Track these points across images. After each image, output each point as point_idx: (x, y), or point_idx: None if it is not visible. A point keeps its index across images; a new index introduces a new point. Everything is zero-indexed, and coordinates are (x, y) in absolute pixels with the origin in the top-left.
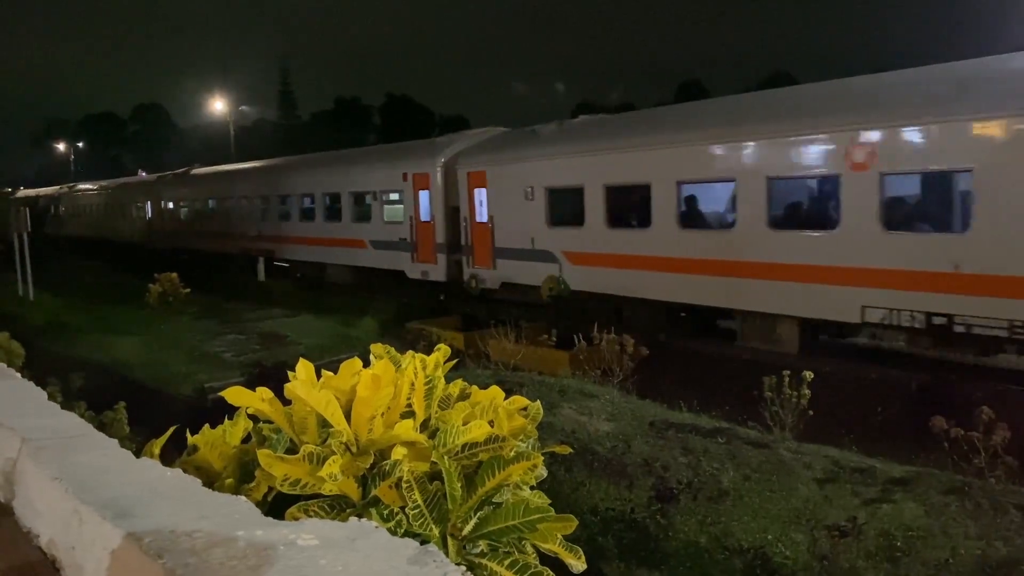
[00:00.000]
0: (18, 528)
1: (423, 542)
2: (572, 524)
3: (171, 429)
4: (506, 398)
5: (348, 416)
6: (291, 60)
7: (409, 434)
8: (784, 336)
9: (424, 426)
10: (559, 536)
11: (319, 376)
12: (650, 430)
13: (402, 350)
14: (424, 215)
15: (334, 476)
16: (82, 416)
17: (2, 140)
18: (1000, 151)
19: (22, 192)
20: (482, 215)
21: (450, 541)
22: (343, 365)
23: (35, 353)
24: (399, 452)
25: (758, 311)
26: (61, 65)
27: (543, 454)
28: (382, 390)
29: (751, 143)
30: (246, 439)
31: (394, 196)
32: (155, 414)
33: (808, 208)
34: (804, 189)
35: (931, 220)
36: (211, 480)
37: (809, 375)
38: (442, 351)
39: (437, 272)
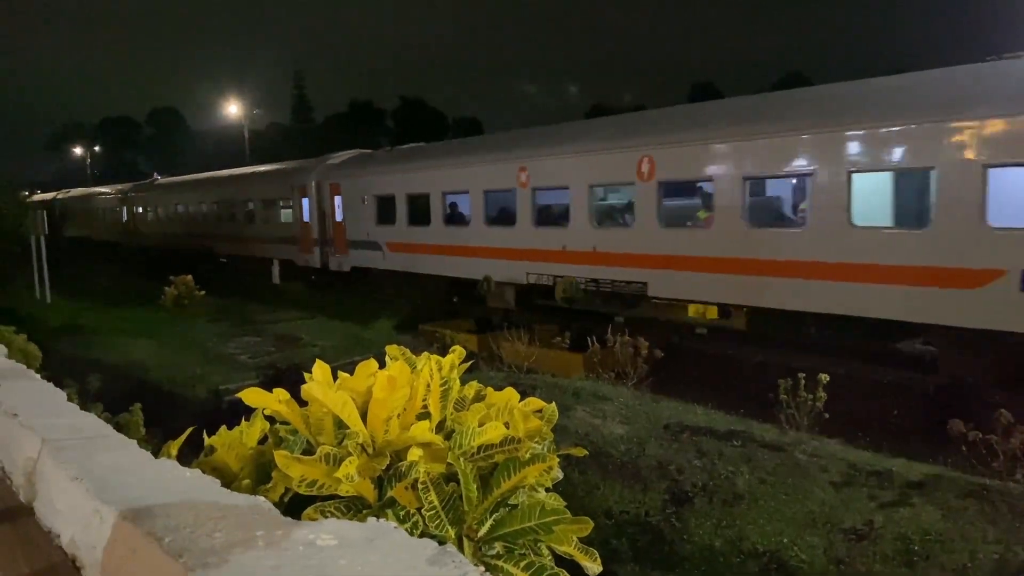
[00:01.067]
0: (39, 528)
1: (439, 543)
2: (588, 526)
3: (188, 430)
4: (522, 400)
5: (364, 417)
6: (305, 64)
7: (425, 435)
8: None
9: (440, 427)
10: (574, 538)
11: (335, 378)
12: (664, 432)
13: (416, 352)
14: (305, 217)
15: (351, 477)
16: (98, 417)
17: (19, 144)
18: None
19: (38, 196)
20: (339, 216)
21: (466, 542)
22: (359, 366)
23: (52, 355)
24: (415, 453)
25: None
26: (77, 69)
27: (558, 456)
28: (398, 391)
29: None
30: (263, 440)
31: (286, 203)
32: (170, 416)
33: (503, 210)
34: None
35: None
36: (228, 481)
37: (824, 377)
38: (457, 352)
39: (313, 260)
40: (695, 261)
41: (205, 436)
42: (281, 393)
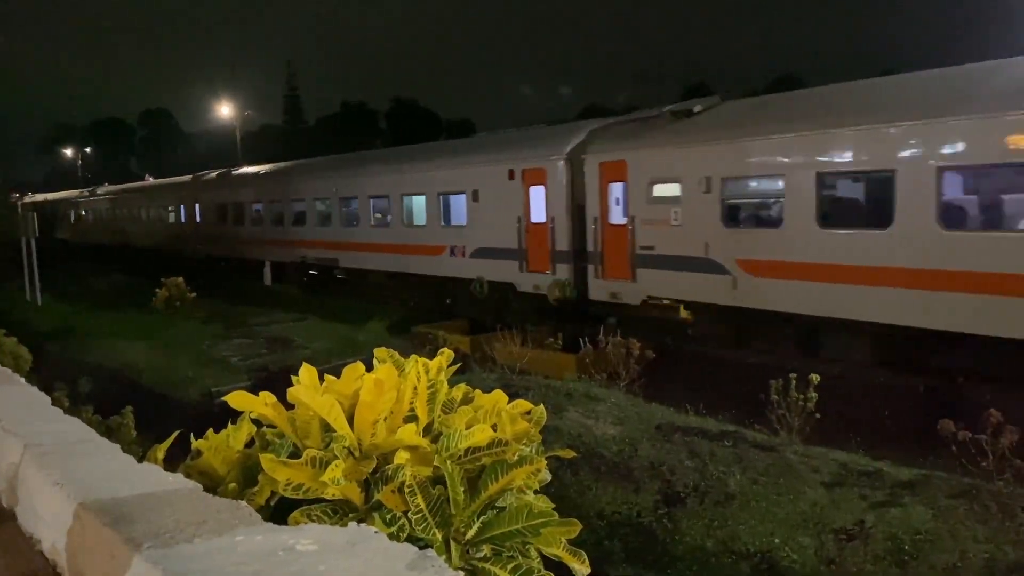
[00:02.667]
0: (20, 533)
1: (426, 546)
2: (576, 528)
3: (174, 434)
4: (511, 402)
5: (351, 421)
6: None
7: (412, 438)
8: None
9: (427, 430)
10: (563, 540)
11: (322, 380)
12: (657, 433)
13: (409, 354)
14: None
15: (337, 481)
16: (89, 421)
17: (11, 145)
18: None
19: (29, 198)
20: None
21: (453, 545)
22: (346, 369)
23: (43, 358)
24: (402, 456)
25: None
26: (68, 71)
27: (547, 458)
28: (385, 394)
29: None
30: (250, 444)
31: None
32: (162, 419)
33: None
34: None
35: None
36: (215, 485)
37: (816, 378)
38: (445, 355)
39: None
40: None
41: (192, 439)
42: (267, 396)
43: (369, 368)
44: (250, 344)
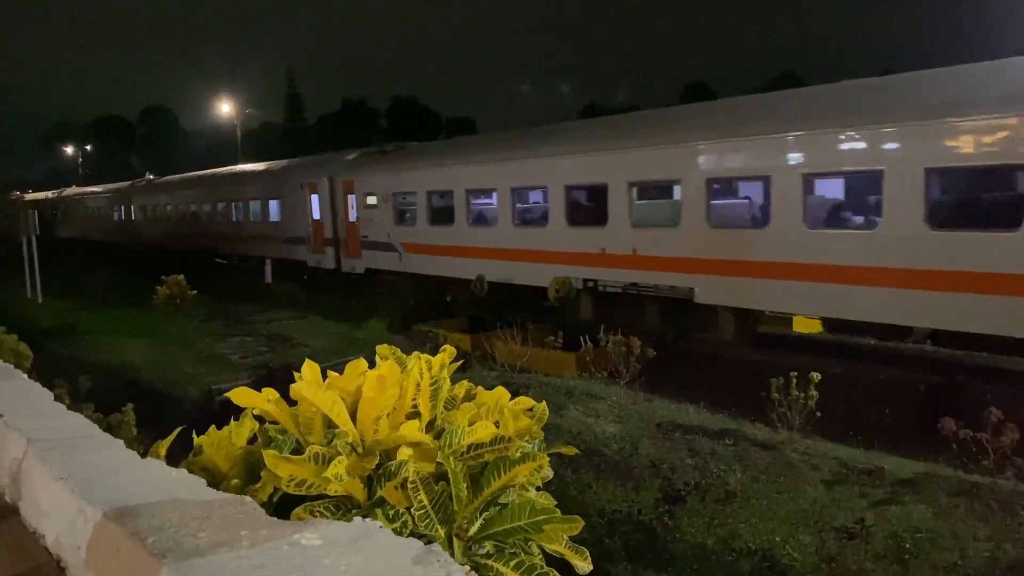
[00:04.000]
0: (24, 528)
1: (428, 543)
2: (578, 525)
3: (177, 430)
4: (512, 399)
5: (354, 417)
6: (298, 63)
7: (415, 435)
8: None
9: (430, 427)
10: (565, 537)
11: (325, 377)
12: (657, 431)
13: (409, 352)
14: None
15: (340, 477)
16: (90, 418)
17: (10, 143)
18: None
19: (30, 196)
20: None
21: (456, 542)
22: (349, 366)
23: (43, 355)
24: (404, 453)
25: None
26: (69, 68)
27: (549, 455)
28: (387, 391)
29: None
30: (252, 440)
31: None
32: (163, 416)
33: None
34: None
35: None
36: (217, 481)
37: (816, 376)
38: (447, 352)
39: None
40: None
41: (194, 436)
42: (270, 392)
43: (372, 365)
44: (250, 342)
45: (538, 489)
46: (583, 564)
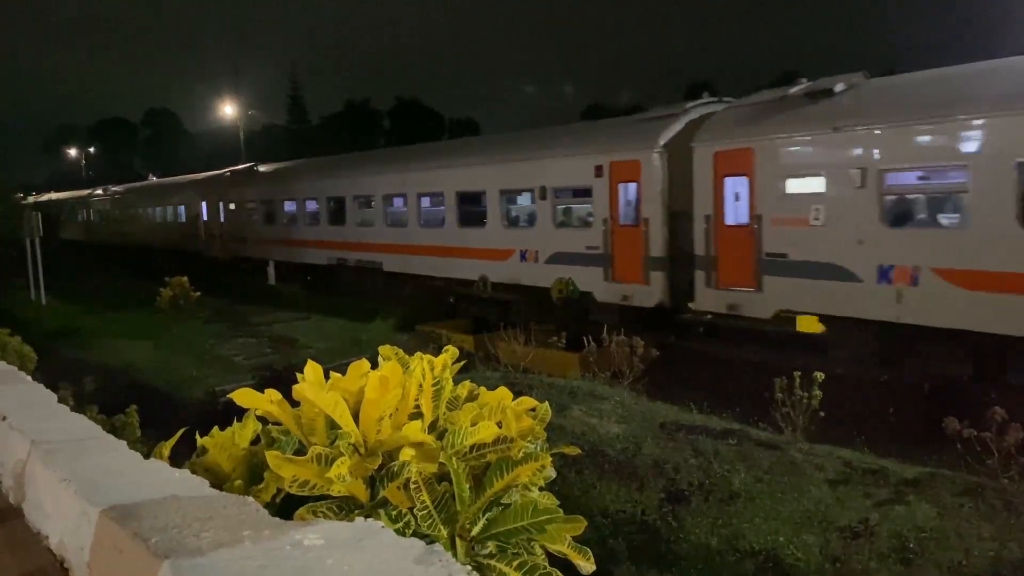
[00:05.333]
0: (28, 530)
1: (431, 543)
2: (581, 525)
3: (180, 431)
4: (515, 399)
5: (356, 417)
6: (302, 64)
7: (417, 435)
8: None
9: (432, 427)
10: (568, 537)
11: (327, 378)
12: (660, 432)
13: (412, 353)
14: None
15: (342, 477)
16: (94, 420)
17: (14, 146)
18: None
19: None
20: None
21: (459, 542)
22: (351, 367)
23: (47, 357)
24: (407, 453)
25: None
26: (72, 71)
27: (552, 455)
28: (390, 391)
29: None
30: (255, 441)
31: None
32: (167, 418)
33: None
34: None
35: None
36: (220, 482)
37: (820, 376)
38: (450, 352)
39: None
40: None
41: (198, 437)
42: (272, 394)
43: (374, 366)
44: (254, 343)
45: (541, 489)
46: (586, 564)
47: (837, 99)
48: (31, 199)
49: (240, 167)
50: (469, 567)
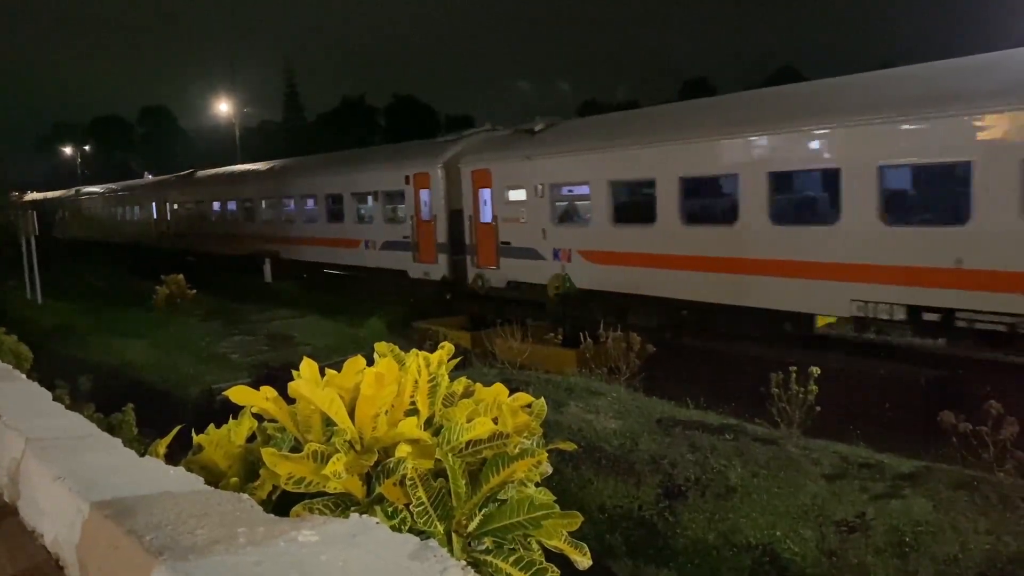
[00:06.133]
0: (23, 528)
1: (427, 539)
2: (577, 520)
3: (175, 429)
4: (512, 395)
5: (352, 414)
6: (297, 62)
7: (413, 432)
8: None
9: (428, 424)
10: (564, 532)
11: (323, 375)
12: (657, 427)
13: (409, 350)
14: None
15: (338, 474)
16: (90, 418)
17: (9, 144)
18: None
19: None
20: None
21: (455, 538)
22: (347, 363)
23: (44, 356)
24: (403, 450)
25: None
26: (67, 68)
27: (548, 451)
28: (386, 388)
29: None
30: (251, 438)
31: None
32: (164, 416)
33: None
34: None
35: None
36: (216, 479)
37: (816, 371)
38: (446, 349)
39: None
40: None
41: (193, 434)
42: (268, 391)
43: (370, 363)
44: (250, 341)
45: (537, 485)
46: (582, 559)
47: (537, 136)
48: (27, 197)
49: (183, 172)
50: (464, 562)
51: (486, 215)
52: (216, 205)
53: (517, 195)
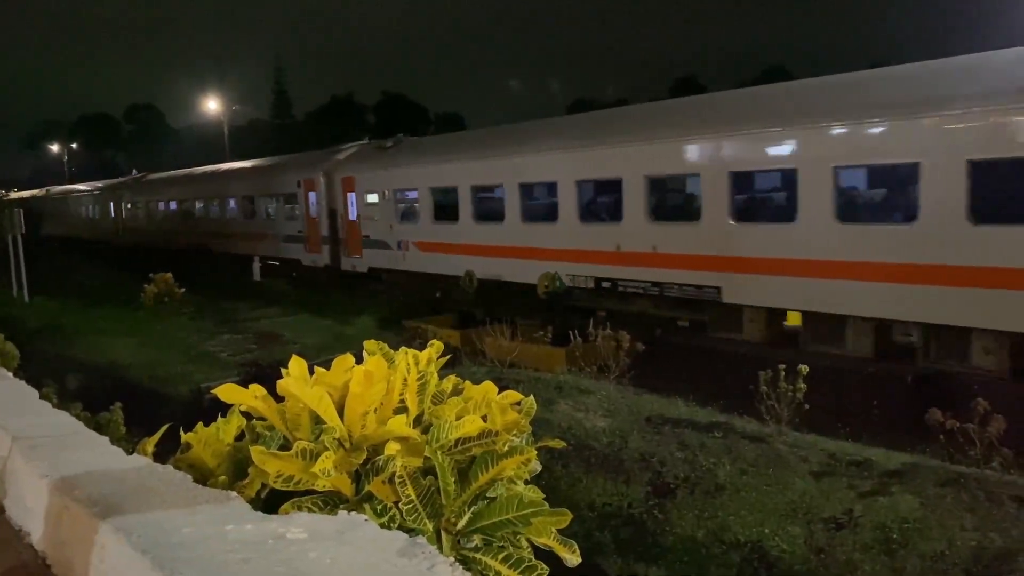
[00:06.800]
0: (10, 526)
1: (416, 536)
2: (566, 518)
3: (164, 427)
4: (500, 394)
5: (341, 412)
6: (286, 60)
7: (402, 429)
8: None
9: (417, 421)
10: (553, 530)
11: (312, 373)
12: (647, 425)
13: (398, 348)
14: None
15: (327, 472)
16: (78, 417)
17: None
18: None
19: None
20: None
21: (444, 536)
22: (335, 361)
23: (31, 355)
24: (392, 447)
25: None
26: (54, 66)
27: (537, 449)
28: (375, 386)
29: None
30: (240, 437)
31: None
32: (152, 415)
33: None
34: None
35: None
36: (205, 478)
37: (804, 369)
38: (435, 347)
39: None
40: None
41: (182, 433)
42: (257, 389)
43: (359, 361)
44: (239, 339)
45: (527, 483)
46: (571, 557)
47: (388, 151)
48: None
49: (137, 175)
50: (451, 559)
51: (352, 214)
52: (161, 205)
53: (373, 198)
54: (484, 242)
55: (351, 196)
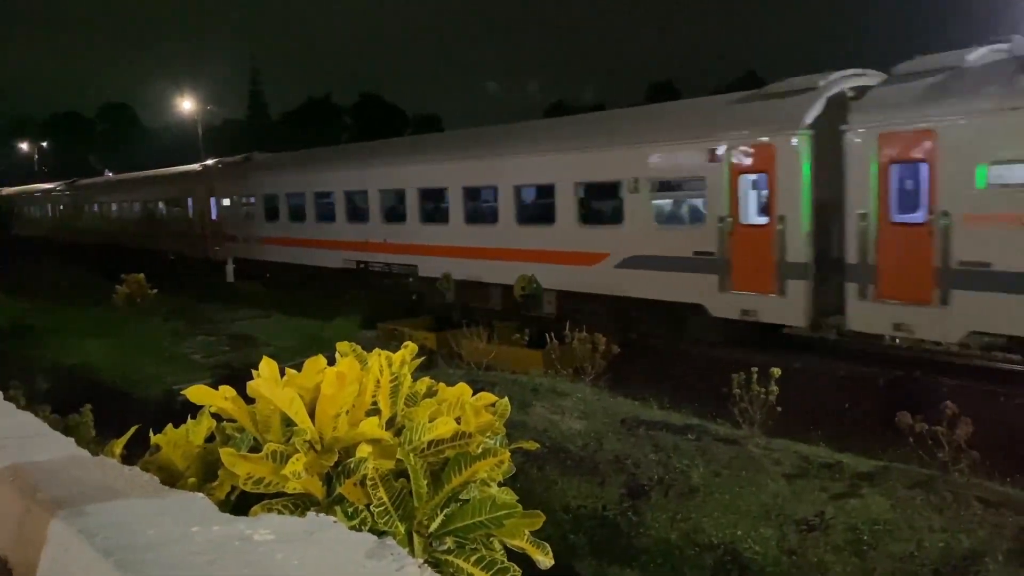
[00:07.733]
0: None
1: (385, 538)
2: (539, 520)
3: (132, 429)
4: (475, 395)
5: (312, 414)
6: (262, 60)
7: (374, 431)
8: None
9: (390, 423)
10: (526, 532)
11: (283, 374)
12: (621, 427)
13: (372, 350)
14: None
15: (298, 474)
16: (46, 419)
17: None
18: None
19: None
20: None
21: (416, 538)
22: (307, 363)
23: None
24: (364, 450)
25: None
26: (25, 64)
27: (511, 451)
28: (347, 388)
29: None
30: (210, 439)
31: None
32: (122, 417)
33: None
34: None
35: None
36: (174, 480)
37: (776, 372)
38: (409, 348)
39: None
40: None
41: (151, 434)
42: (227, 390)
43: (332, 362)
44: (212, 342)
45: (500, 485)
46: (544, 559)
47: (249, 162)
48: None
49: (68, 180)
50: (420, 560)
51: (214, 214)
52: (86, 207)
53: (226, 201)
54: (298, 236)
55: (212, 200)
